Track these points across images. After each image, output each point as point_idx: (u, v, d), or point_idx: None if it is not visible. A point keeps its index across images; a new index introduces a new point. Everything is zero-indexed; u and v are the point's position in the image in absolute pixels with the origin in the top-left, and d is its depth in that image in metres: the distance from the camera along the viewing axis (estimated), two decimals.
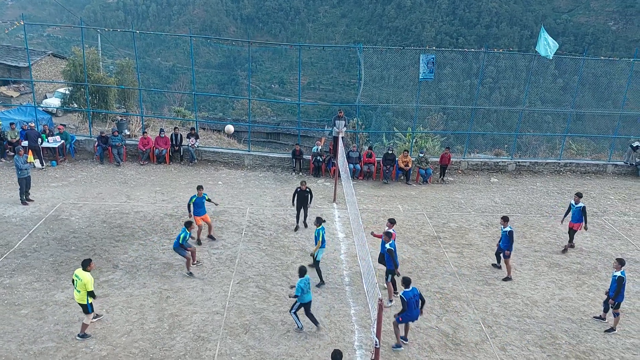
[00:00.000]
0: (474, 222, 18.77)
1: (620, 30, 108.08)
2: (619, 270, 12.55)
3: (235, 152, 24.15)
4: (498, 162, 24.38)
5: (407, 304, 11.44)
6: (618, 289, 12.47)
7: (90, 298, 11.45)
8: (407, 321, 11.86)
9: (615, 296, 12.57)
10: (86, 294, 11.38)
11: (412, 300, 11.51)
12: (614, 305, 12.66)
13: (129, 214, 17.86)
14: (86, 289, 11.33)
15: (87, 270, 11.46)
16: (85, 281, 11.30)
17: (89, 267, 11.51)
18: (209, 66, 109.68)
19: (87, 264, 11.53)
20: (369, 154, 22.71)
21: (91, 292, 11.39)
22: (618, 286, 12.46)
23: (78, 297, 11.51)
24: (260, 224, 17.64)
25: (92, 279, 11.47)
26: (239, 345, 11.74)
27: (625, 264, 12.72)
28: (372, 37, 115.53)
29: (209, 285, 13.96)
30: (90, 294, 11.39)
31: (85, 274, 11.38)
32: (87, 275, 11.36)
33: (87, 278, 11.32)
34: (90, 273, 11.48)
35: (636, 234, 18.36)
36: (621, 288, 12.47)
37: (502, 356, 11.88)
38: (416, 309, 11.66)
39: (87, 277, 11.34)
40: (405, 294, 11.49)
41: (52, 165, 22.18)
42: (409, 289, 11.57)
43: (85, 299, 11.41)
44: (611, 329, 12.87)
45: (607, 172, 24.66)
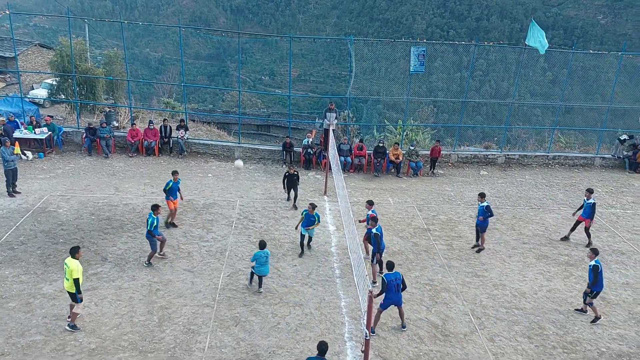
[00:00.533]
0: (464, 214, 18.86)
1: (608, 24, 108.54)
2: (593, 260, 12.74)
3: (225, 144, 24.05)
4: (488, 155, 24.48)
5: (386, 285, 11.75)
6: (595, 277, 12.63)
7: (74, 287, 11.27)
8: (388, 305, 12.03)
9: (593, 284, 12.72)
10: (72, 282, 11.26)
11: (392, 283, 11.79)
12: (592, 294, 12.80)
13: (118, 207, 17.75)
14: (72, 277, 11.23)
15: (75, 257, 11.39)
16: (72, 268, 11.23)
17: (77, 255, 11.44)
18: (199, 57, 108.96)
19: (75, 251, 11.47)
20: (359, 147, 22.71)
21: (76, 279, 11.22)
22: (594, 275, 12.63)
23: (67, 285, 11.44)
24: (251, 217, 17.61)
25: (80, 266, 11.36)
26: (229, 338, 11.74)
27: (599, 254, 12.91)
28: (363, 29, 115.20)
29: (199, 277, 13.93)
30: (75, 282, 11.23)
31: (73, 261, 11.32)
32: (74, 263, 11.29)
33: (73, 265, 11.25)
34: (78, 261, 11.39)
35: (623, 226, 18.53)
36: (597, 276, 12.62)
37: (491, 347, 11.98)
38: (397, 292, 11.88)
39: (74, 264, 11.27)
40: (387, 276, 11.83)
41: (40, 157, 21.98)
42: (392, 272, 11.92)
43: (73, 286, 11.32)
44: (596, 318, 13.00)
45: (595, 164, 24.84)
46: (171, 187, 16.26)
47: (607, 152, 25.46)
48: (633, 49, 57.58)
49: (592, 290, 12.80)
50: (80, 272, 11.32)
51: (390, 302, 11.96)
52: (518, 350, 11.92)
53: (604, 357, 11.86)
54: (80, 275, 11.35)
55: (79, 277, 11.28)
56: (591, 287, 12.80)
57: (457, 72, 47.58)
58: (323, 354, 9.46)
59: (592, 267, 12.69)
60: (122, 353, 11.07)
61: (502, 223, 18.27)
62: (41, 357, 10.84)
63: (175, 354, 11.16)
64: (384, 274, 12.00)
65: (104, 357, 10.94)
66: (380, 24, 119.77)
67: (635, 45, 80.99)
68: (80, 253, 11.58)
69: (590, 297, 12.88)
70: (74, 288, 11.32)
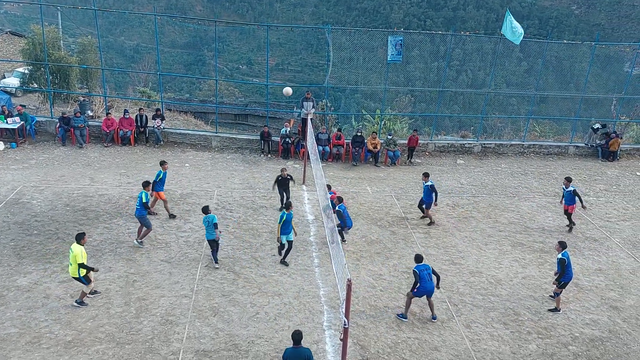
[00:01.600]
0: (441, 203, 18.95)
1: (582, 15, 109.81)
2: (560, 253, 12.92)
3: (202, 133, 23.86)
4: (464, 144, 24.70)
5: (419, 276, 12.14)
6: (562, 269, 12.80)
7: (82, 270, 11.66)
8: (422, 294, 12.34)
9: (560, 276, 12.90)
10: (77, 267, 11.59)
11: (424, 272, 12.19)
12: (559, 284, 12.98)
13: (93, 197, 17.52)
14: (76, 261, 11.56)
15: (80, 243, 11.75)
16: (75, 253, 11.57)
17: (82, 241, 11.82)
18: (175, 46, 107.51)
19: (80, 237, 11.86)
20: (338, 136, 22.73)
21: (82, 264, 11.59)
22: (561, 267, 12.80)
23: (71, 270, 11.76)
24: (229, 207, 17.53)
25: (84, 252, 11.72)
26: (208, 328, 11.71)
27: (566, 247, 13.07)
28: (341, 18, 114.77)
29: (177, 268, 13.85)
30: (81, 266, 11.59)
31: (77, 247, 11.67)
32: (78, 248, 11.63)
33: (77, 250, 11.59)
34: (83, 247, 11.77)
35: (596, 214, 18.88)
36: (565, 268, 12.79)
37: (467, 333, 12.15)
38: (430, 281, 12.25)
39: (78, 249, 11.61)
40: (417, 267, 12.23)
41: (12, 147, 21.56)
42: (421, 263, 12.32)
43: (77, 272, 11.63)
44: (555, 310, 13.15)
45: (569, 153, 25.23)
46: (162, 177, 16.27)
47: (580, 141, 25.86)
48: (606, 39, 58.51)
49: (560, 281, 12.97)
50: (82, 256, 11.65)
51: (424, 291, 12.26)
52: (494, 336, 12.12)
53: (577, 342, 12.13)
54: (85, 260, 11.76)
55: (82, 261, 11.64)
56: (559, 279, 12.96)
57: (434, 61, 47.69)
58: (298, 342, 9.51)
59: (559, 259, 12.86)
60: (98, 345, 10.98)
61: (479, 211, 18.48)
62: (16, 350, 10.69)
63: (153, 345, 11.10)
64: (414, 267, 12.30)
65: (81, 349, 10.84)
66: (358, 13, 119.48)
67: (608, 35, 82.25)
68: (85, 239, 12.01)
69: (558, 286, 13.07)
70: (77, 273, 11.68)
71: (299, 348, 9.51)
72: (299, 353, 9.48)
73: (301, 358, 9.46)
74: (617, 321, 12.96)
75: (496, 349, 11.75)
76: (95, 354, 10.74)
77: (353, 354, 11.17)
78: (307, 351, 9.58)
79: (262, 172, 20.77)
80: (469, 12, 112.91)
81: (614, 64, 29.73)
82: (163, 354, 10.86)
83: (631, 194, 20.89)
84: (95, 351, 10.80)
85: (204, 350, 11.05)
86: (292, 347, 9.56)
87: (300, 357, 9.46)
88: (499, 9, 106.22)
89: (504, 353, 11.64)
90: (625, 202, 20.07)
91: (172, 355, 10.86)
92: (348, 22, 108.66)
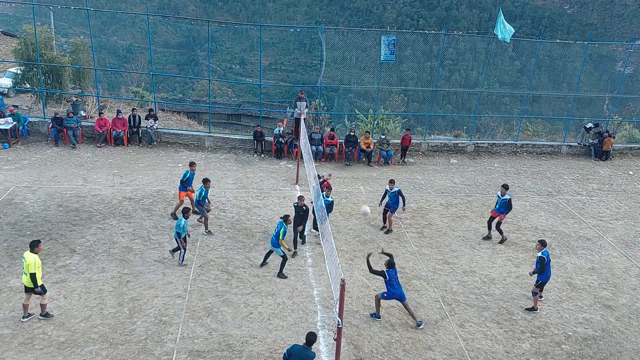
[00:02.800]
0: (434, 202, 19.06)
1: (575, 14, 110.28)
2: (540, 251, 12.91)
3: (195, 133, 23.81)
4: (457, 144, 24.75)
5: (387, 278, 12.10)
6: (541, 267, 12.76)
7: (32, 282, 11.12)
8: (391, 299, 12.29)
9: (537, 272, 12.83)
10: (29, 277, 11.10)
11: (393, 278, 12.12)
12: (537, 283, 12.97)
13: (86, 198, 17.46)
14: (29, 271, 11.06)
15: (34, 252, 11.21)
16: (28, 262, 11.06)
17: (36, 249, 11.26)
18: (168, 46, 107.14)
19: (34, 245, 11.29)
20: (331, 136, 22.73)
21: (33, 274, 11.04)
22: (540, 265, 12.77)
23: (25, 279, 11.27)
24: (222, 207, 17.51)
25: (37, 261, 11.16)
26: (202, 328, 11.69)
27: (546, 245, 13.07)
28: (334, 17, 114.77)
29: (170, 268, 13.82)
30: (32, 277, 11.05)
31: (30, 255, 11.14)
32: (31, 257, 11.11)
33: (30, 259, 11.08)
34: (37, 255, 11.23)
35: (588, 213, 18.98)
36: (544, 266, 12.74)
37: (461, 333, 12.19)
38: (398, 286, 12.18)
39: (31, 258, 11.10)
40: (388, 273, 12.13)
41: (4, 147, 21.44)
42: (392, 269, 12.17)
43: (30, 281, 11.16)
44: (532, 308, 13.13)
45: (562, 152, 25.34)
46: (188, 177, 16.31)
47: (573, 141, 25.97)
48: (599, 39, 58.69)
49: (538, 280, 12.96)
50: (35, 265, 11.09)
51: (392, 296, 12.18)
52: (488, 336, 12.16)
53: (570, 341, 12.19)
54: (37, 270, 11.15)
55: (34, 271, 11.08)
56: (537, 277, 12.94)
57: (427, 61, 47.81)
58: (310, 344, 9.52)
59: (539, 257, 12.83)
60: (92, 345, 10.94)
61: (472, 211, 18.53)
62: (9, 351, 10.64)
63: (147, 345, 11.07)
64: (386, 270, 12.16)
65: (74, 350, 10.80)
66: (351, 12, 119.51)
67: (600, 34, 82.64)
68: (40, 247, 11.39)
69: (535, 286, 13.06)
70: (32, 283, 11.16)
71: (308, 349, 9.52)
72: (305, 353, 9.50)
73: (305, 358, 9.46)
74: (610, 320, 13.03)
75: (490, 348, 11.79)
76: (88, 354, 10.70)
77: (347, 354, 11.18)
78: (312, 354, 9.58)
79: (256, 172, 20.75)
80: (462, 11, 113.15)
81: (606, 63, 29.92)
82: (157, 355, 10.84)
83: (624, 193, 21.01)
84: (89, 352, 10.76)
85: (198, 350, 11.04)
86: (301, 345, 9.56)
87: (305, 357, 9.47)
88: (491, 8, 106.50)
89: (498, 352, 11.68)
90: (618, 201, 20.18)
91: (165, 355, 10.84)
92: (341, 22, 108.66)
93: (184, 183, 16.22)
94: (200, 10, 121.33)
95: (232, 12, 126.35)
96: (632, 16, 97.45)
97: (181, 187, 16.27)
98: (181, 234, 13.76)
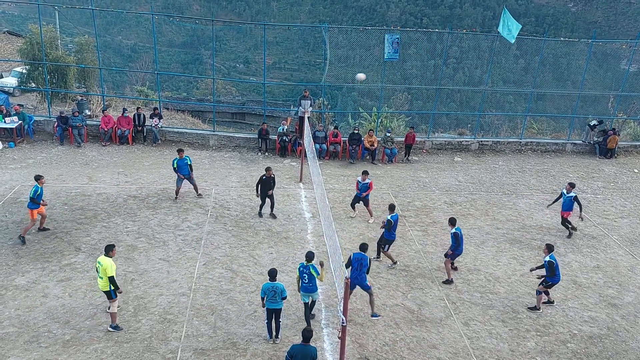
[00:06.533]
0: (438, 200, 19.04)
1: (579, 12, 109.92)
2: (547, 255, 12.88)
3: (199, 132, 23.86)
4: (461, 142, 24.72)
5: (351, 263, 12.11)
6: (551, 271, 12.75)
7: (112, 285, 11.18)
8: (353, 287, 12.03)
9: (548, 276, 12.82)
10: (108, 280, 11.13)
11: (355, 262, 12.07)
12: (546, 284, 12.93)
13: (91, 196, 17.51)
14: (106, 274, 11.09)
15: (109, 255, 11.24)
16: (105, 266, 11.09)
17: (111, 253, 11.29)
18: (172, 45, 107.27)
19: (109, 249, 11.31)
20: (335, 134, 22.74)
21: (112, 277, 11.11)
22: (549, 269, 12.76)
23: (101, 284, 11.28)
24: (226, 205, 17.53)
25: (114, 264, 11.22)
26: (206, 327, 11.72)
27: (553, 249, 13.04)
28: (338, 16, 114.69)
29: (175, 267, 13.85)
30: (111, 280, 11.12)
31: (106, 259, 11.17)
32: (107, 261, 11.14)
33: (107, 263, 11.11)
34: (112, 259, 11.26)
35: (593, 211, 18.92)
36: (554, 270, 12.72)
37: (466, 331, 12.17)
38: (359, 271, 12.04)
39: (108, 262, 11.13)
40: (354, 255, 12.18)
41: (10, 146, 21.53)
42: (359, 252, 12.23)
43: (108, 285, 11.17)
44: (535, 308, 13.10)
45: (567, 150, 25.27)
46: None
47: (578, 139, 25.89)
48: (603, 36, 58.53)
49: (547, 281, 12.90)
50: (112, 269, 11.13)
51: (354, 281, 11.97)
52: (492, 334, 12.14)
53: (575, 340, 12.16)
54: (114, 273, 11.20)
55: (112, 274, 11.14)
56: (547, 280, 12.89)
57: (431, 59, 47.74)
58: (307, 340, 9.53)
59: (547, 262, 12.79)
60: (97, 344, 10.97)
61: (476, 209, 18.51)
62: (14, 349, 10.69)
63: (152, 343, 11.10)
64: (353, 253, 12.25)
65: (79, 348, 10.83)
66: (355, 11, 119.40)
67: (605, 32, 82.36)
68: (114, 251, 11.42)
69: (544, 286, 13.01)
70: (107, 286, 11.20)
71: (307, 346, 9.53)
72: (306, 351, 9.50)
73: (307, 356, 9.48)
74: (616, 318, 12.99)
75: (495, 346, 11.78)
76: (93, 352, 10.74)
77: (351, 352, 11.18)
78: (313, 350, 9.60)
79: (260, 171, 20.64)
80: (466, 9, 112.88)
81: (611, 61, 29.81)
82: (161, 353, 10.86)
83: (629, 191, 20.94)
84: (94, 350, 10.80)
85: (202, 348, 11.06)
86: (300, 344, 9.58)
87: (306, 355, 9.48)
88: (495, 6, 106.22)
89: (503, 351, 11.66)
90: (623, 200, 20.12)
91: (170, 353, 10.87)
92: (345, 21, 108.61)
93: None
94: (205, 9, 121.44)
95: (236, 11, 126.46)
96: (636, 14, 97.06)
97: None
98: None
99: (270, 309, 11.18)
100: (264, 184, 16.32)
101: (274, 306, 11.15)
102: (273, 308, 11.16)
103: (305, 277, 11.45)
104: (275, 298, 11.06)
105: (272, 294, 11.04)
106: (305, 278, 11.46)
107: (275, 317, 11.28)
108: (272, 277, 11.12)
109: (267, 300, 11.12)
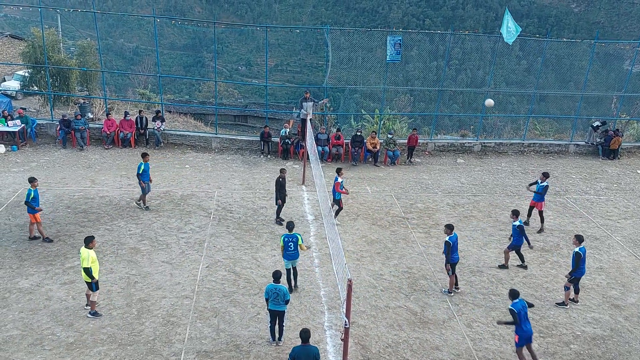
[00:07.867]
0: (441, 202, 19.03)
1: (582, 13, 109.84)
2: (577, 247, 12.93)
3: (202, 135, 23.89)
4: (464, 143, 24.70)
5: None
6: (576, 263, 12.81)
7: (87, 276, 11.51)
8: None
9: (573, 271, 12.95)
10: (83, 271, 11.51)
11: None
12: (571, 278, 13.00)
13: (94, 199, 17.55)
14: (82, 266, 11.45)
15: (89, 247, 11.58)
16: (83, 257, 11.45)
17: (90, 244, 11.64)
18: (174, 48, 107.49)
19: (89, 240, 11.68)
20: (337, 136, 22.74)
21: (86, 269, 11.41)
22: (575, 261, 12.81)
23: (83, 275, 11.66)
24: (229, 208, 17.55)
25: (91, 256, 11.50)
26: (209, 329, 11.73)
27: (583, 240, 13.08)
28: (340, 18, 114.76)
29: (178, 269, 13.87)
30: (85, 271, 11.43)
31: (85, 250, 11.51)
32: (85, 253, 11.48)
33: (84, 255, 11.45)
34: (92, 250, 11.62)
35: (597, 212, 18.88)
36: (579, 263, 12.79)
37: (469, 333, 12.16)
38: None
39: (85, 254, 11.47)
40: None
41: (13, 150, 21.59)
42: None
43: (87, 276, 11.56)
44: (562, 303, 13.22)
45: (569, 151, 25.23)
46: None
47: (581, 140, 25.85)
48: (606, 37, 58.50)
49: (572, 275, 12.96)
50: (88, 260, 11.45)
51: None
52: (495, 336, 12.13)
53: (579, 341, 12.13)
54: (91, 264, 11.51)
55: (87, 266, 11.44)
56: (571, 273, 12.96)
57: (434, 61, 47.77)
58: (306, 341, 9.55)
59: (575, 253, 12.84)
60: (100, 346, 10.99)
61: (479, 210, 18.49)
62: (18, 352, 10.71)
63: (155, 346, 11.12)
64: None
65: (83, 350, 10.85)
66: (357, 13, 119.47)
67: (607, 33, 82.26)
68: (94, 242, 11.82)
69: (569, 281, 13.06)
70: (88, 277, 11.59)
71: (307, 346, 9.55)
72: (307, 351, 9.51)
73: (309, 356, 9.49)
74: (619, 319, 12.96)
75: (497, 348, 11.76)
76: (97, 355, 10.75)
77: (354, 354, 11.18)
78: (315, 349, 9.62)
79: (262, 173, 20.79)
80: (468, 11, 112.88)
81: (613, 61, 29.81)
82: (165, 355, 10.88)
83: (632, 192, 20.90)
84: (97, 352, 10.82)
85: (206, 351, 11.07)
86: (300, 345, 9.59)
87: (309, 355, 9.49)
88: (498, 7, 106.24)
89: (506, 352, 11.64)
90: (626, 201, 20.08)
91: (173, 356, 10.88)
92: (347, 23, 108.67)
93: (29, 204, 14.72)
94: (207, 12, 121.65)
95: (238, 13, 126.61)
96: (639, 14, 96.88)
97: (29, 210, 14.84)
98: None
99: (273, 311, 11.23)
100: (282, 185, 16.22)
101: (277, 308, 11.20)
102: (276, 310, 11.22)
103: (292, 245, 12.55)
104: (278, 300, 11.12)
105: (275, 295, 11.10)
106: (291, 247, 12.56)
107: (278, 320, 11.31)
108: (276, 279, 11.16)
109: (270, 301, 11.18)
